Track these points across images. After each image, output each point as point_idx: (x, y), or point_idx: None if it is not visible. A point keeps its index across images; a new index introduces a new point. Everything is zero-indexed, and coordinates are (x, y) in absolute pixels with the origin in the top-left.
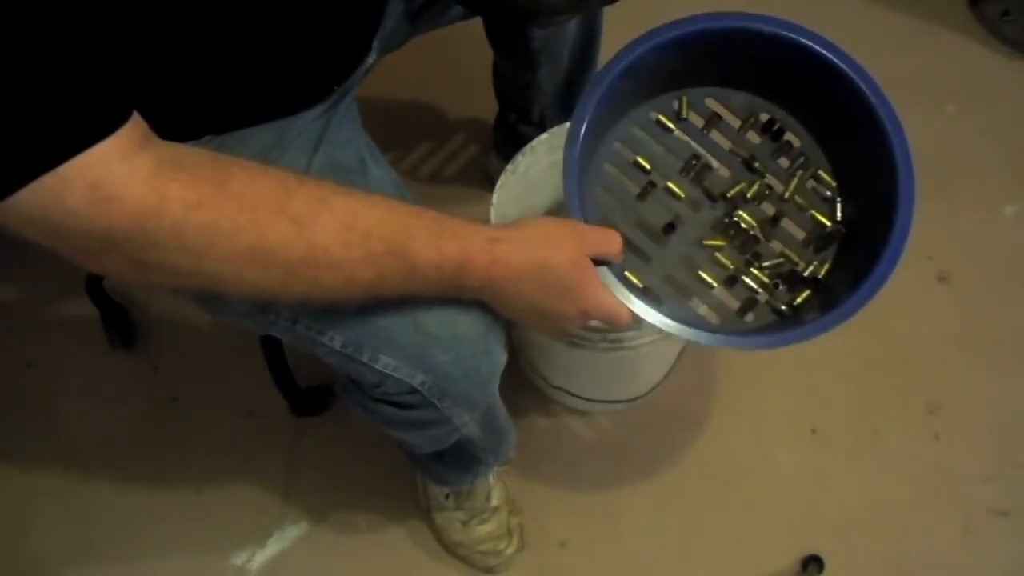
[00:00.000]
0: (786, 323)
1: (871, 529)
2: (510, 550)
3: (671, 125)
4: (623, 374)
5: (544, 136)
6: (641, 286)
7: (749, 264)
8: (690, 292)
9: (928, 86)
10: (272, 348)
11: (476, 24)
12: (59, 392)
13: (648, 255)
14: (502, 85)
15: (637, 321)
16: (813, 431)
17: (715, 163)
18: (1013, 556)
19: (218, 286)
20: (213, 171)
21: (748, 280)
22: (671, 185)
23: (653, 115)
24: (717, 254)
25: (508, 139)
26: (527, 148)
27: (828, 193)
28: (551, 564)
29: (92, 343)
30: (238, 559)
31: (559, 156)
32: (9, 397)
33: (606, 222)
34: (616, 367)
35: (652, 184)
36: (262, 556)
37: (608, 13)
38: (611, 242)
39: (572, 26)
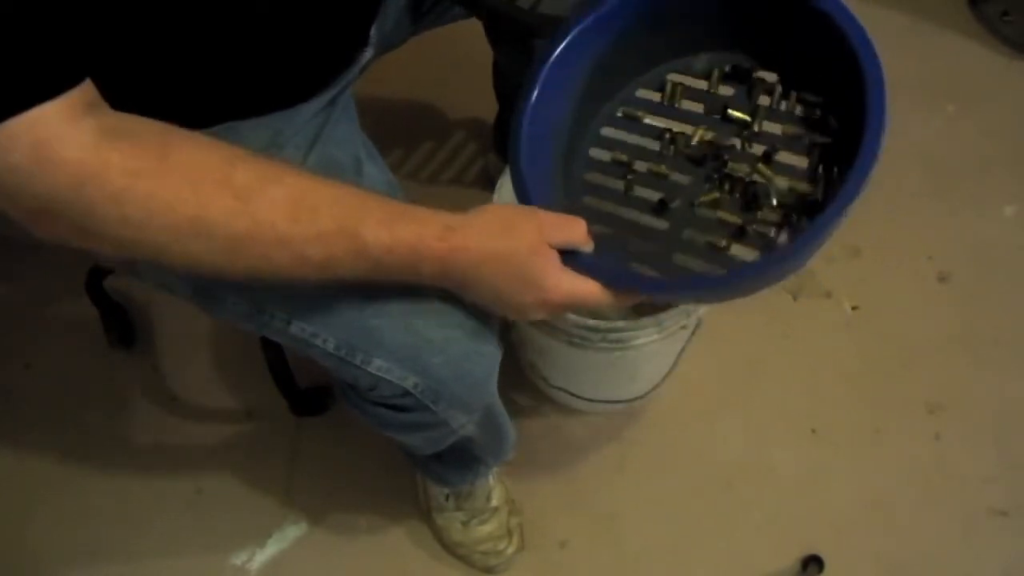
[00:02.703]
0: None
1: (871, 529)
2: (510, 550)
3: (638, 113)
4: (623, 374)
5: None
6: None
7: (757, 210)
8: (705, 259)
9: (928, 86)
10: (272, 348)
11: (476, 23)
12: (59, 392)
13: (653, 240)
14: (502, 84)
15: (620, 302)
16: (813, 431)
17: (690, 129)
18: (1013, 556)
19: (164, 258)
20: (157, 141)
21: (759, 226)
22: (653, 167)
23: (619, 111)
24: (720, 212)
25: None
26: None
27: (818, 112)
28: (551, 564)
29: (92, 343)
30: (238, 559)
31: None
32: (9, 397)
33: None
34: (616, 367)
35: (635, 172)
36: (262, 556)
37: None
38: (574, 228)
39: None
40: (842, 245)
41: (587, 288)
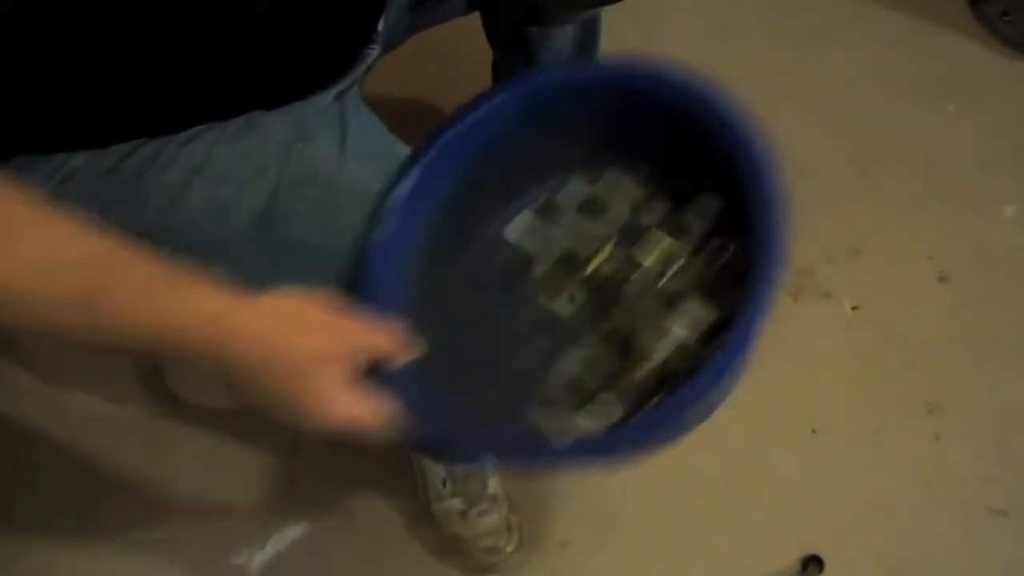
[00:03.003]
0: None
1: (871, 529)
2: (510, 548)
3: (555, 210)
4: None
5: None
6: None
7: (642, 360)
8: (565, 402)
9: (928, 86)
10: None
11: (474, 21)
12: (58, 392)
13: (517, 360)
14: None
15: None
16: (813, 431)
17: (600, 251)
18: (1013, 556)
19: None
20: None
21: (636, 379)
22: (547, 278)
23: (543, 199)
24: (600, 350)
25: None
26: None
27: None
28: (551, 564)
29: None
30: (238, 559)
31: None
32: (9, 397)
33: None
34: None
35: (527, 278)
36: (262, 556)
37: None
38: (384, 338)
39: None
40: (842, 245)
41: (373, 417)
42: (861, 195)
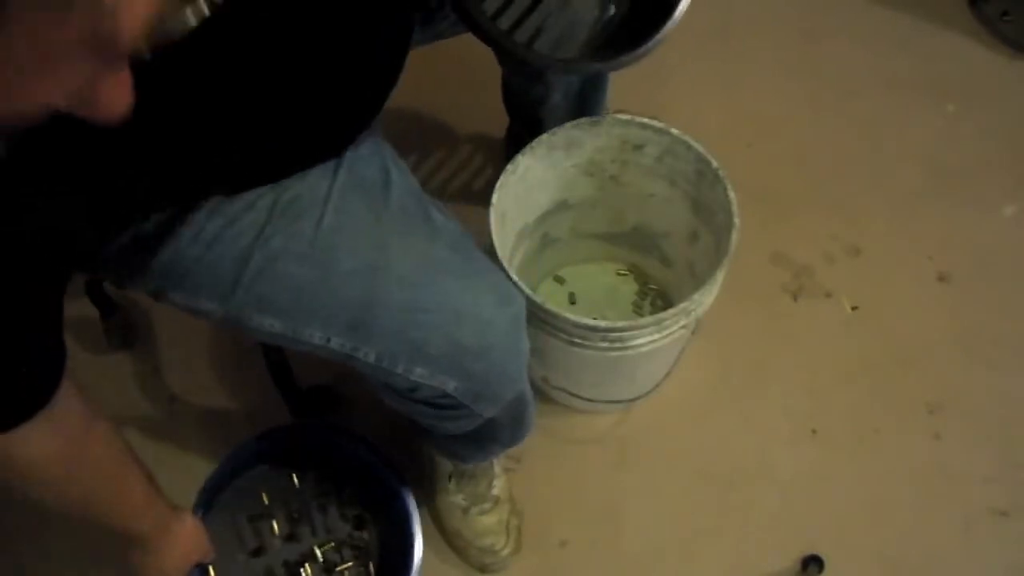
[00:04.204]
0: None
1: (871, 529)
2: (506, 551)
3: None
4: (623, 374)
5: (544, 136)
6: None
7: None
8: None
9: (928, 86)
10: (273, 350)
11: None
12: None
13: None
14: (512, 101)
15: None
16: (813, 431)
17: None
18: (1013, 556)
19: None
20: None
21: None
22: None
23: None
24: None
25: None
26: (527, 148)
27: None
28: (551, 564)
29: (92, 343)
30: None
31: (559, 156)
32: None
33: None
34: (616, 367)
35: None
36: None
37: None
38: (207, 553)
39: None
40: (842, 245)
41: None
42: (861, 195)
